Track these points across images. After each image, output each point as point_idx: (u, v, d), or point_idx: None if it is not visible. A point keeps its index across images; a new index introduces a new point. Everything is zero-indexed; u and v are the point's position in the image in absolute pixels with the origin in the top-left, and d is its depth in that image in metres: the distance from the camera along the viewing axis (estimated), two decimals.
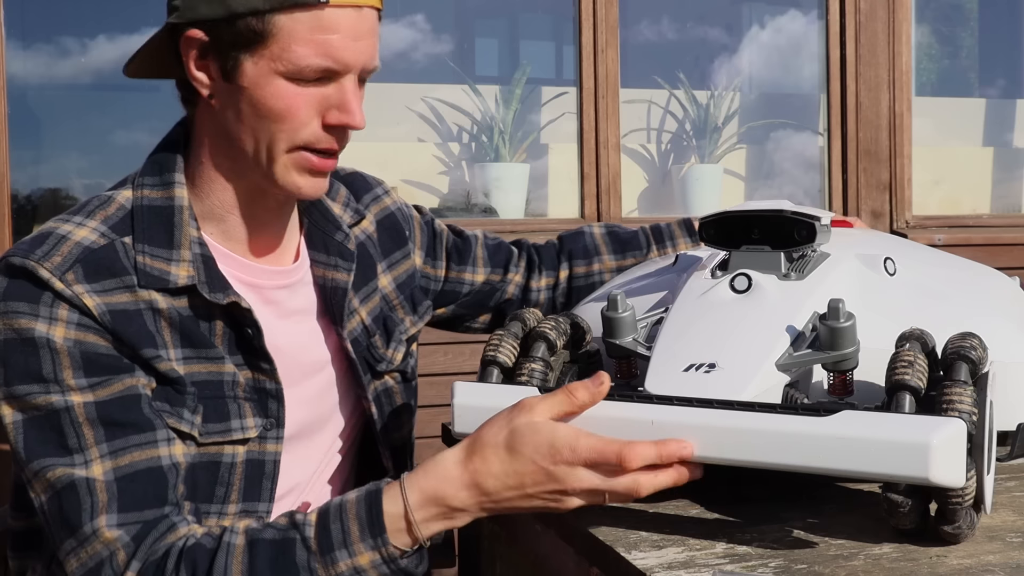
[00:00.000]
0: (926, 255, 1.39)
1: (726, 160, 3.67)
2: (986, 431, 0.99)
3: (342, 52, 1.15)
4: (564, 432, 1.00)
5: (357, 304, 1.36)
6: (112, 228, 1.18)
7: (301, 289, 1.32)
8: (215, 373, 1.20)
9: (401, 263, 1.46)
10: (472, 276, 1.54)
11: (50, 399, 1.11)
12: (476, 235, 1.58)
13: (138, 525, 1.10)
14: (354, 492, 1.09)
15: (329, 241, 1.34)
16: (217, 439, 1.19)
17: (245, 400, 1.21)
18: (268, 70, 1.16)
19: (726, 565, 0.97)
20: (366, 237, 1.40)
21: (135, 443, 1.12)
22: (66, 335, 1.12)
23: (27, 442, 1.11)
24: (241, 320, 1.20)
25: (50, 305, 1.12)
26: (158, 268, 1.17)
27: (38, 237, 1.16)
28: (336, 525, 1.06)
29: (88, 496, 1.09)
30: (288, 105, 1.16)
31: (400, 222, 1.47)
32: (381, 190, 1.48)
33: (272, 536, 1.08)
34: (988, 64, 4.32)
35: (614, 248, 1.58)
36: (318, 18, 1.14)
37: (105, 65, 3.41)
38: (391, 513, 1.05)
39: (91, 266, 1.14)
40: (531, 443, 1.00)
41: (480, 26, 3.78)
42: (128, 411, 1.13)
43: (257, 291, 1.26)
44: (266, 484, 1.23)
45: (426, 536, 1.06)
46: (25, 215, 3.17)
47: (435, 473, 1.05)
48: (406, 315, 1.44)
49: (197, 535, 1.11)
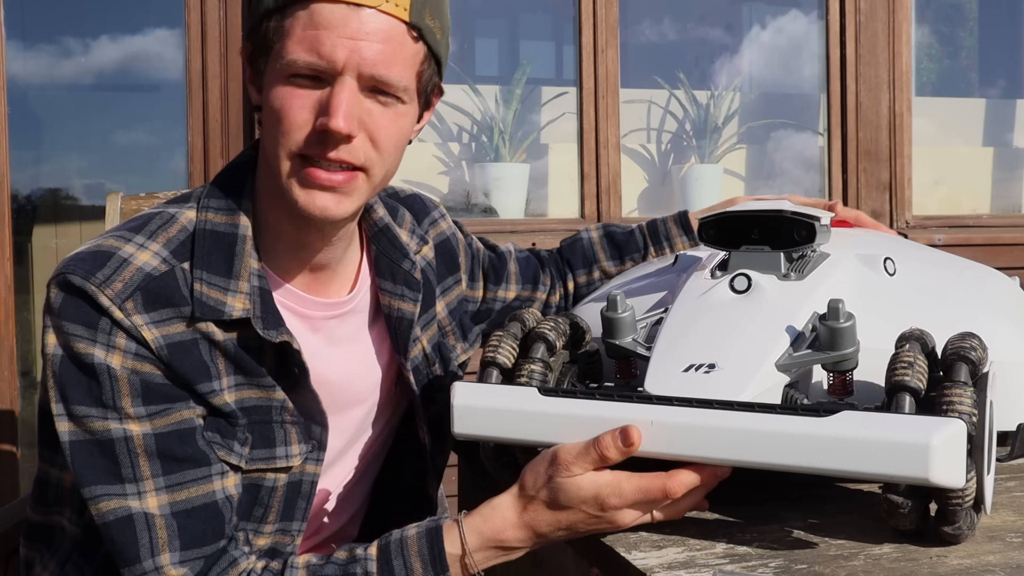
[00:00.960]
0: (926, 255, 1.39)
1: (726, 160, 3.67)
2: (986, 431, 0.99)
3: (329, 48, 1.11)
4: (607, 480, 1.05)
5: (419, 332, 1.35)
6: (173, 253, 1.16)
7: (351, 317, 1.30)
8: (264, 399, 1.19)
9: (453, 289, 1.45)
10: (505, 294, 1.54)
11: (108, 425, 1.10)
12: (509, 250, 1.57)
13: (200, 561, 1.11)
14: (413, 528, 1.12)
15: (396, 269, 1.32)
16: (260, 466, 1.19)
17: (292, 424, 1.21)
18: (274, 72, 1.15)
19: (726, 565, 0.97)
20: (426, 263, 1.40)
21: (191, 478, 1.12)
22: (123, 363, 1.11)
23: (81, 465, 1.11)
24: (291, 358, 1.19)
25: (108, 332, 1.11)
26: (214, 298, 1.15)
27: (98, 255, 1.13)
28: (398, 561, 1.10)
29: (146, 531, 1.10)
30: (283, 105, 1.14)
31: (454, 248, 1.47)
32: (438, 213, 1.48)
33: (333, 572, 1.10)
34: (988, 64, 4.32)
35: (611, 254, 1.58)
36: (311, 13, 1.13)
37: (105, 65, 3.42)
38: (452, 554, 1.10)
39: (151, 295, 1.13)
40: (576, 497, 1.05)
41: (480, 26, 3.78)
42: (184, 444, 1.12)
43: (307, 321, 1.26)
44: (301, 504, 1.23)
45: (480, 571, 1.12)
46: (25, 215, 3.17)
47: (492, 519, 1.10)
48: (457, 342, 1.44)
49: (258, 571, 1.12)
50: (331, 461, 1.30)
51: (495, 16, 3.85)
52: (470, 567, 1.10)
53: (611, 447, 1.03)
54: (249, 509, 1.20)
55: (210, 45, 2.89)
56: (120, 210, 1.75)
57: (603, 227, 1.62)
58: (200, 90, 2.91)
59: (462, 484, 1.61)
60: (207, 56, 2.85)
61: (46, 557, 1.25)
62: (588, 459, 1.04)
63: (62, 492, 1.23)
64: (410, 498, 1.42)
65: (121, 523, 1.10)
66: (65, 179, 3.37)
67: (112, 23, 3.37)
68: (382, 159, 1.17)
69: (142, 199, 1.76)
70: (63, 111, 3.45)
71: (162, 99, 3.34)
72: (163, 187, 2.12)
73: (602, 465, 1.04)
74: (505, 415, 1.09)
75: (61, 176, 3.37)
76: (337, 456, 1.32)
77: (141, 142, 3.42)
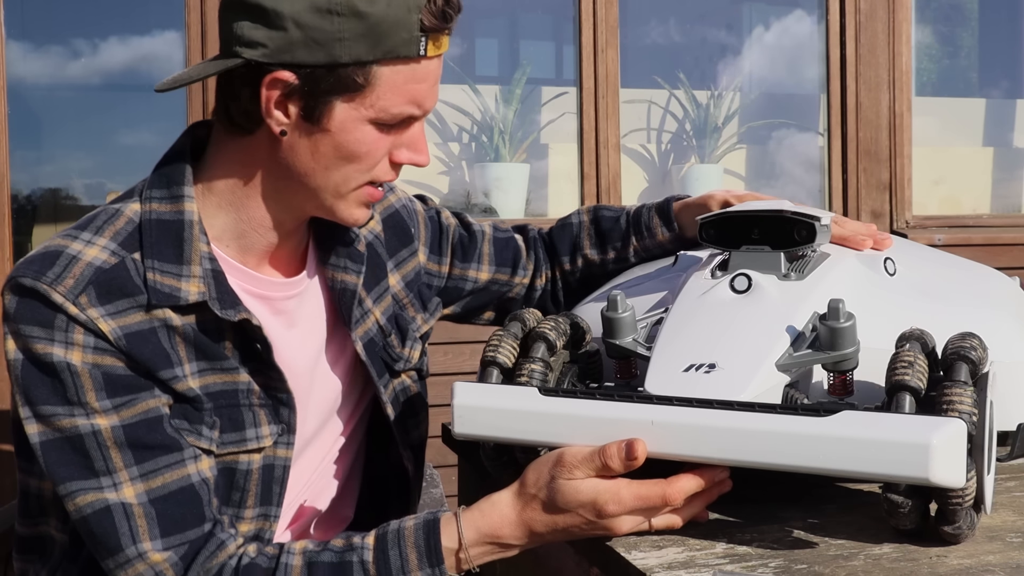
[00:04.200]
0: (926, 255, 1.39)
1: (726, 160, 3.67)
2: (986, 431, 0.99)
3: (428, 100, 1.19)
4: (606, 487, 1.05)
5: (371, 304, 1.36)
6: (122, 245, 1.17)
7: (310, 297, 1.32)
8: (230, 383, 1.20)
9: (408, 261, 1.45)
10: (476, 274, 1.53)
11: (75, 421, 1.11)
12: (484, 230, 1.55)
13: (185, 545, 1.11)
14: (411, 519, 1.13)
15: (338, 243, 1.33)
16: (232, 449, 1.20)
17: (260, 407, 1.22)
18: (358, 116, 1.16)
19: (726, 565, 0.97)
20: (374, 237, 1.40)
21: (165, 464, 1.13)
22: (83, 359, 1.11)
23: (54, 464, 1.11)
24: (252, 335, 1.20)
25: (64, 329, 1.11)
26: (168, 284, 1.16)
27: (46, 256, 1.14)
28: (394, 552, 1.11)
29: (125, 520, 1.10)
30: (370, 149, 1.18)
31: (405, 219, 1.46)
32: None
33: (330, 559, 1.11)
34: (988, 64, 4.32)
35: (595, 242, 1.55)
36: (414, 70, 1.16)
37: (106, 65, 3.42)
38: (447, 548, 1.11)
39: (103, 287, 1.13)
40: (574, 501, 1.06)
41: (480, 26, 3.78)
42: (154, 432, 1.13)
43: (267, 302, 1.26)
44: (275, 489, 1.24)
45: (475, 566, 1.13)
46: (25, 215, 3.17)
47: (490, 514, 1.11)
48: (416, 313, 1.44)
49: (251, 554, 1.12)
50: (303, 445, 1.30)
51: (495, 16, 3.85)
52: (464, 562, 1.11)
53: (615, 458, 1.04)
54: (227, 493, 1.20)
55: (210, 45, 2.89)
56: None
57: (594, 210, 1.59)
58: (200, 90, 2.91)
59: (462, 484, 1.61)
60: (207, 56, 2.85)
61: (38, 567, 1.26)
62: (591, 465, 1.05)
63: (44, 502, 1.23)
64: (394, 476, 1.42)
65: (99, 515, 1.10)
66: (65, 179, 3.37)
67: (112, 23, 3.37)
68: None
69: None
70: (63, 111, 3.45)
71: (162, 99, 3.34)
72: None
73: (605, 473, 1.05)
74: (505, 415, 1.09)
75: (61, 176, 3.37)
76: (309, 439, 1.32)
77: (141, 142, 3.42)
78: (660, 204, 1.53)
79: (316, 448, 1.34)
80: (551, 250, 1.58)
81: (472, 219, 1.55)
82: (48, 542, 1.24)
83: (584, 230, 1.56)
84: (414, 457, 1.41)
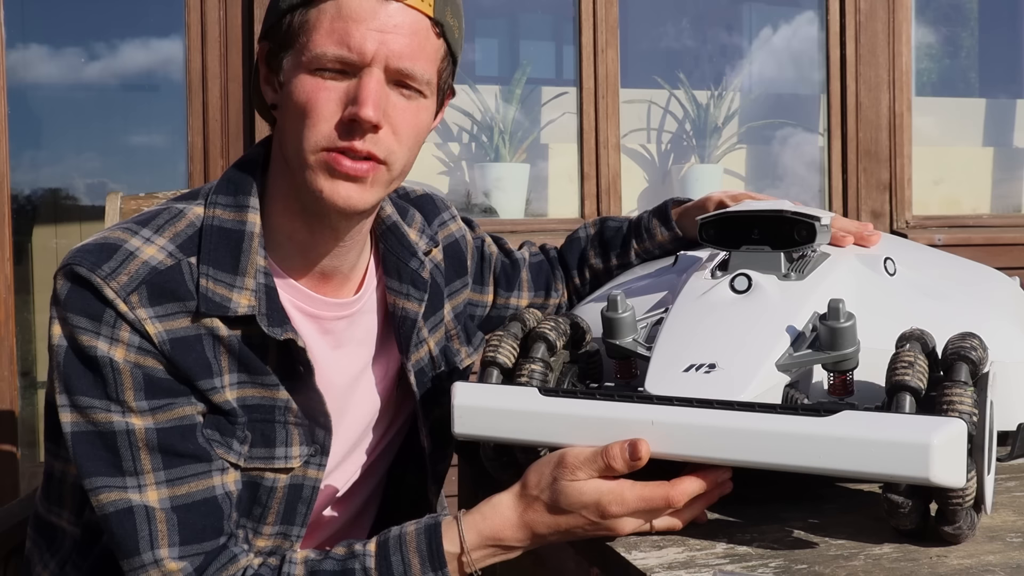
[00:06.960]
0: (926, 255, 1.39)
1: (726, 160, 3.67)
2: (986, 431, 0.99)
3: (359, 40, 1.12)
4: (609, 488, 1.05)
5: (427, 334, 1.35)
6: (180, 247, 1.16)
7: (361, 319, 1.30)
8: (268, 398, 1.19)
9: (460, 292, 1.45)
10: (517, 301, 1.53)
11: (111, 417, 1.11)
12: (524, 257, 1.56)
13: (200, 557, 1.11)
14: (412, 524, 1.12)
15: (403, 268, 1.31)
16: (259, 464, 1.19)
17: (295, 426, 1.21)
18: (297, 65, 1.15)
19: (726, 565, 0.97)
20: (434, 265, 1.39)
21: (192, 473, 1.13)
22: (126, 357, 1.11)
23: (83, 456, 1.11)
24: (295, 355, 1.19)
25: (112, 325, 1.11)
26: (220, 294, 1.15)
27: (104, 248, 1.13)
28: (396, 557, 1.10)
29: (146, 524, 1.10)
30: (309, 98, 1.14)
31: (462, 250, 1.46)
32: (448, 215, 1.47)
33: (332, 567, 1.11)
34: (988, 64, 4.31)
35: (598, 252, 1.56)
36: (338, 6, 1.14)
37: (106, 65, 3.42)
38: (450, 552, 1.10)
39: (156, 288, 1.13)
40: (578, 502, 1.06)
41: (480, 26, 3.78)
42: (186, 440, 1.13)
43: (316, 321, 1.25)
44: (301, 508, 1.23)
45: (477, 569, 1.12)
46: (25, 215, 3.17)
47: (492, 517, 1.10)
48: (461, 346, 1.44)
49: (255, 566, 1.12)
50: (334, 466, 1.29)
51: (495, 16, 3.85)
52: (467, 565, 1.11)
53: (618, 458, 1.03)
54: (249, 507, 1.20)
55: (210, 45, 2.89)
56: (120, 210, 1.75)
57: (600, 222, 1.61)
58: (200, 90, 2.91)
59: (462, 484, 1.61)
60: (207, 56, 2.85)
61: (47, 556, 1.26)
62: (594, 466, 1.04)
63: (64, 488, 1.23)
64: (412, 503, 1.42)
65: (121, 515, 1.10)
66: (65, 179, 3.37)
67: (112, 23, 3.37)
68: (402, 152, 1.18)
69: (142, 199, 1.76)
70: (63, 111, 3.46)
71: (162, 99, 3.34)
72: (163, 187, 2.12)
73: (607, 474, 1.05)
74: (505, 415, 1.09)
75: (61, 176, 3.37)
76: (340, 461, 1.31)
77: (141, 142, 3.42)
78: (659, 207, 1.56)
79: (345, 469, 1.34)
80: (564, 266, 1.59)
81: (510, 245, 1.56)
82: (59, 532, 1.24)
83: (590, 242, 1.58)
84: (437, 490, 1.41)
